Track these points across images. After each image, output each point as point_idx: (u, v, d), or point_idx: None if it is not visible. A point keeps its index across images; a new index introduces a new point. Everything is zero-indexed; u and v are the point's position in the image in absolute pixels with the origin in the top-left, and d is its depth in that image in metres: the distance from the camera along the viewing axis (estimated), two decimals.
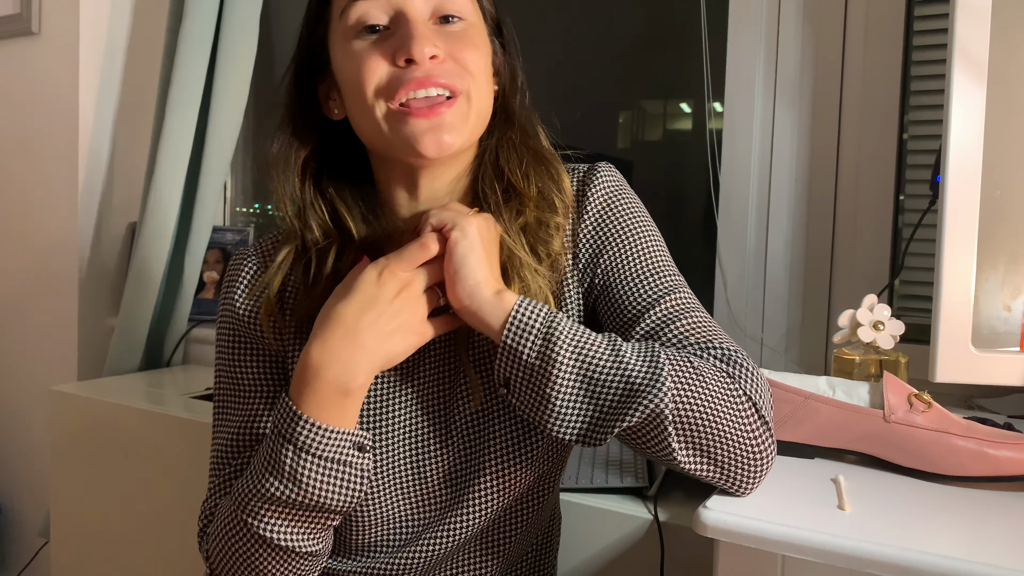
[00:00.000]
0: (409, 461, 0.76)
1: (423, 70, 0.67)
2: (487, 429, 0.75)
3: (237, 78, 1.59)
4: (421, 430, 0.76)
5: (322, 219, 0.75)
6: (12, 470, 1.91)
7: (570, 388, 0.63)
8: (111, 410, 1.37)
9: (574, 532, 0.96)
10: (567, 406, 0.63)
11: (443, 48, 0.69)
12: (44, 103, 1.79)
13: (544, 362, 0.63)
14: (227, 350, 0.79)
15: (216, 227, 1.74)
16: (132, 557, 1.35)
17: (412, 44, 0.66)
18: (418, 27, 0.68)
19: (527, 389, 0.64)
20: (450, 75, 0.68)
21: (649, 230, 0.77)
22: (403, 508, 0.76)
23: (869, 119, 1.22)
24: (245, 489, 0.67)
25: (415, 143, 0.68)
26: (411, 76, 0.67)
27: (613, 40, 1.58)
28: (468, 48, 0.70)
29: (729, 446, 0.64)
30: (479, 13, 0.74)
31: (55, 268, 1.80)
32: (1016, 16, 0.86)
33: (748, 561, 0.63)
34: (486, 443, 0.75)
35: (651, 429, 0.62)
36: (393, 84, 0.68)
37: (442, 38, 0.69)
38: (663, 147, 1.59)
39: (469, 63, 0.70)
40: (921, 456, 0.72)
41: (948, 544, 0.58)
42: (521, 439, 0.74)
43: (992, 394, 1.04)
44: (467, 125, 0.70)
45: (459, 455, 0.75)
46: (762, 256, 1.30)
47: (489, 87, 0.74)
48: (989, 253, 0.87)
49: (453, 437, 0.76)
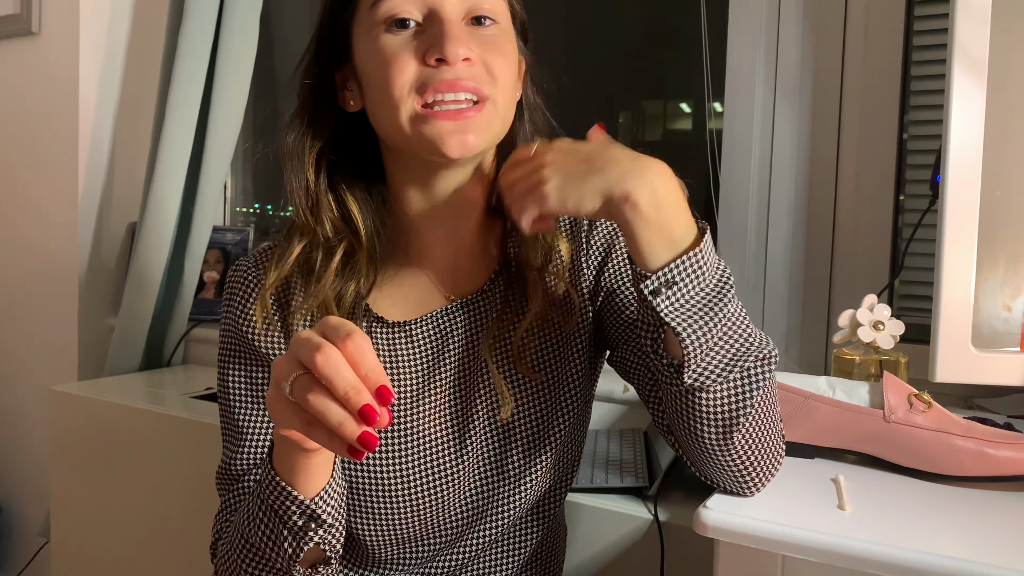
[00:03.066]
0: (427, 481, 0.74)
1: (453, 72, 0.66)
2: (506, 439, 0.74)
3: (237, 78, 1.59)
4: (439, 447, 0.74)
5: (333, 215, 0.74)
6: (12, 470, 1.91)
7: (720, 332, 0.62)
8: (111, 410, 1.36)
9: (574, 532, 0.96)
10: (716, 341, 0.63)
11: (475, 52, 0.68)
12: (44, 103, 1.79)
13: (722, 285, 0.63)
14: (229, 365, 0.77)
15: (216, 227, 1.74)
16: (132, 557, 1.35)
17: (446, 43, 0.65)
18: (453, 27, 0.67)
19: (693, 300, 0.62)
20: (479, 80, 0.67)
21: None
22: (422, 529, 0.75)
23: (869, 119, 1.22)
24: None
25: (440, 143, 0.67)
26: (441, 77, 0.66)
27: (613, 40, 1.58)
28: (498, 56, 0.69)
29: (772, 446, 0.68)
30: (510, 16, 0.73)
31: (55, 268, 1.80)
32: (1016, 16, 0.86)
33: (748, 561, 0.63)
34: (505, 455, 0.74)
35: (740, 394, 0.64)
36: (422, 83, 0.67)
37: (475, 41, 0.68)
38: (663, 147, 1.58)
39: (497, 70, 0.69)
40: (921, 456, 0.72)
41: (948, 544, 0.58)
42: (539, 447, 0.74)
43: (992, 394, 1.04)
44: (491, 130, 0.70)
45: (477, 471, 0.75)
46: (762, 256, 1.30)
47: (514, 94, 0.73)
48: (989, 253, 0.87)
49: (470, 452, 0.74)
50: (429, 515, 0.74)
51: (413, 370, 0.75)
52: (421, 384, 0.75)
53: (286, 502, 0.62)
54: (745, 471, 0.67)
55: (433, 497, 0.74)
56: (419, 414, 0.74)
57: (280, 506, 0.62)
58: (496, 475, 0.74)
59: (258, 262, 0.78)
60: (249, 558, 0.66)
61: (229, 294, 0.77)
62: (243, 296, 0.76)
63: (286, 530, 0.62)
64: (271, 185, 1.97)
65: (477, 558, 0.78)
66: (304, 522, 0.62)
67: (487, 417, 0.75)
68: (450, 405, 0.75)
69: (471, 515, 0.75)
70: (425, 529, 0.75)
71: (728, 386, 0.63)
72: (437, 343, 0.75)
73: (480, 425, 0.74)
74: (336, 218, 0.74)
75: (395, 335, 0.75)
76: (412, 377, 0.75)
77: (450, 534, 0.76)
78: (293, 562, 0.63)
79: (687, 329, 0.61)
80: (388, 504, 0.73)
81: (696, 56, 1.34)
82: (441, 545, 0.76)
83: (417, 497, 0.74)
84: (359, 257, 0.73)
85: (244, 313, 0.75)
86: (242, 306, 0.76)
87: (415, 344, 0.75)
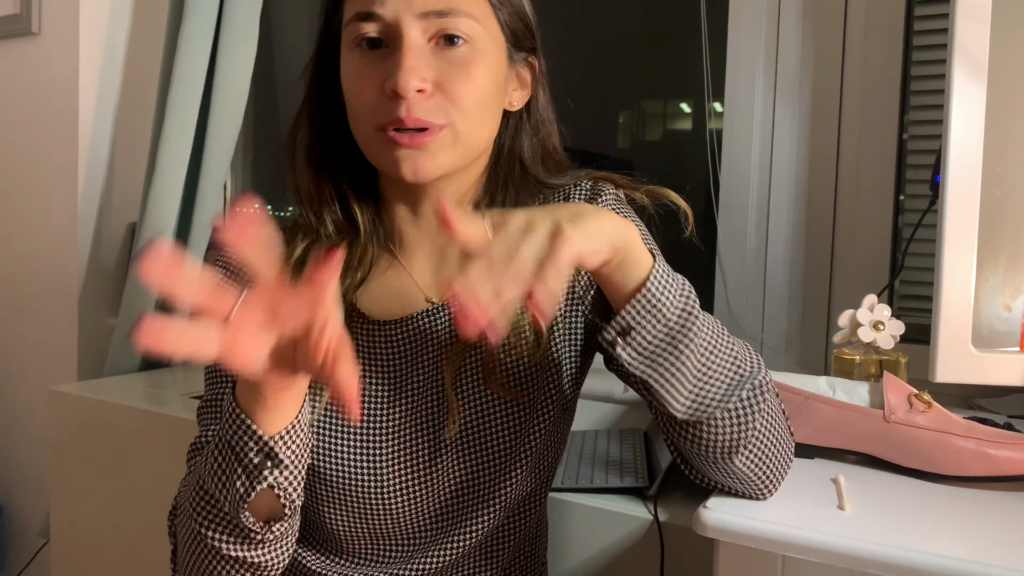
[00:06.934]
0: (400, 480, 0.73)
1: (406, 107, 0.65)
2: (482, 445, 0.74)
3: (237, 78, 1.59)
4: (414, 447, 0.74)
5: (336, 215, 0.75)
6: (12, 470, 1.91)
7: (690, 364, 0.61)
8: (111, 410, 1.36)
9: (574, 532, 0.95)
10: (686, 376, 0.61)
11: (432, 79, 0.67)
12: (44, 103, 1.79)
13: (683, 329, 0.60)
14: None
15: (216, 227, 1.73)
16: (132, 557, 1.35)
17: (398, 76, 0.65)
18: (409, 57, 0.66)
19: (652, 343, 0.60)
20: (432, 112, 0.66)
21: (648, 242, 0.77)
22: (395, 527, 0.75)
23: (869, 119, 1.21)
24: None
25: (395, 167, 0.67)
26: (394, 114, 0.66)
27: (613, 40, 1.58)
28: (462, 80, 0.67)
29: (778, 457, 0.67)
30: (491, 32, 0.71)
31: (55, 268, 1.80)
32: (1016, 16, 0.86)
33: (748, 561, 0.63)
34: (481, 461, 0.73)
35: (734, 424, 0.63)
36: (378, 115, 0.67)
37: (436, 66, 0.67)
38: (663, 147, 1.59)
39: (460, 95, 0.67)
40: (921, 456, 0.72)
41: (948, 544, 0.58)
42: (516, 453, 0.73)
43: (992, 394, 1.04)
44: (451, 154, 0.69)
45: (452, 475, 0.74)
46: (762, 256, 1.30)
47: (486, 115, 0.71)
48: (989, 253, 0.87)
49: (445, 456, 0.74)
50: (403, 514, 0.74)
51: (389, 369, 0.75)
52: (396, 383, 0.75)
53: (244, 437, 0.58)
54: (753, 483, 0.67)
55: (407, 496, 0.73)
56: (394, 412, 0.74)
57: (237, 442, 0.59)
58: (472, 480, 0.74)
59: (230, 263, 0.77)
60: (200, 505, 0.63)
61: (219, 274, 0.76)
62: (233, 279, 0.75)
63: (240, 467, 0.59)
64: (271, 185, 1.98)
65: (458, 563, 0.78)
66: (260, 460, 0.59)
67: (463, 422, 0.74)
68: (425, 407, 0.74)
69: (447, 519, 0.75)
70: (399, 528, 0.75)
71: (722, 417, 0.62)
72: (415, 344, 0.75)
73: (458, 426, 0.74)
74: (338, 218, 0.75)
75: (374, 333, 0.75)
76: (388, 375, 0.75)
77: (425, 536, 0.76)
78: (243, 502, 0.60)
79: (654, 374, 0.60)
80: (360, 500, 0.73)
81: (696, 56, 1.34)
82: (418, 545, 0.76)
83: (390, 495, 0.73)
84: (357, 255, 0.74)
85: None
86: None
87: (393, 344, 0.75)
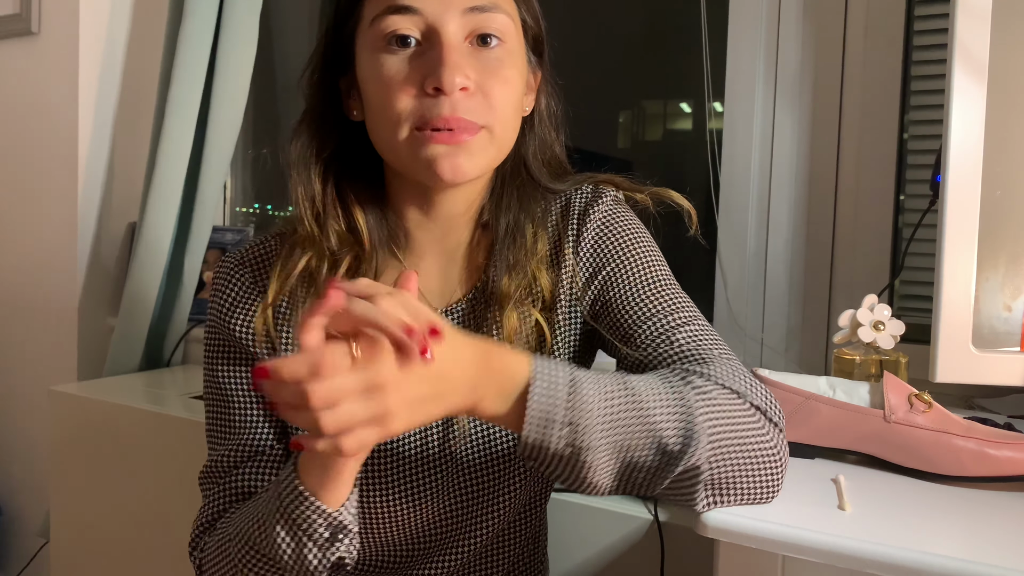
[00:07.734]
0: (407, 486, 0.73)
1: (450, 104, 0.65)
2: (487, 451, 0.74)
3: (237, 78, 1.59)
4: (421, 452, 0.74)
5: (339, 227, 0.73)
6: (12, 470, 1.91)
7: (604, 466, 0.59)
8: (111, 410, 1.36)
9: (574, 532, 0.96)
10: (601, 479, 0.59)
11: (474, 79, 0.66)
12: (44, 103, 1.79)
13: (575, 451, 0.57)
14: (217, 363, 0.76)
15: (216, 227, 1.74)
16: (132, 557, 1.35)
17: (443, 72, 0.64)
18: (451, 54, 0.65)
19: (555, 467, 0.59)
20: (475, 112, 0.66)
21: (648, 247, 0.77)
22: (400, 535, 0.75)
23: (869, 119, 1.21)
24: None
25: (433, 165, 0.66)
26: (439, 112, 0.65)
27: (613, 40, 1.58)
28: (499, 82, 0.68)
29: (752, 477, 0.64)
30: (519, 32, 0.71)
31: (55, 268, 1.80)
32: (1016, 16, 0.86)
33: (748, 561, 0.63)
34: (486, 466, 0.73)
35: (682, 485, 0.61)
36: (419, 115, 0.66)
37: (475, 65, 0.67)
38: (663, 147, 1.59)
39: (497, 98, 0.67)
40: (921, 456, 0.72)
41: (948, 544, 0.58)
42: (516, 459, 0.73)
43: (992, 394, 1.04)
44: (487, 155, 0.69)
45: (458, 481, 0.74)
46: (762, 256, 1.30)
47: (515, 118, 0.72)
48: (989, 253, 0.87)
49: (451, 462, 0.74)
50: (406, 523, 0.74)
51: None
52: None
53: (312, 515, 0.60)
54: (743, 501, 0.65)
55: (411, 505, 0.73)
56: None
57: (304, 518, 0.61)
58: (475, 487, 0.74)
59: (243, 260, 0.76)
60: (258, 563, 0.65)
61: (217, 293, 0.76)
62: (232, 296, 0.75)
63: (311, 542, 0.61)
64: (271, 185, 1.98)
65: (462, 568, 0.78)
66: (331, 533, 0.61)
67: (468, 428, 0.74)
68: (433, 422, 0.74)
69: (450, 526, 0.75)
70: (402, 536, 0.75)
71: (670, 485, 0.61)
72: None
73: (461, 436, 0.74)
74: (342, 230, 0.73)
75: None
76: None
77: (429, 543, 0.76)
78: (318, 573, 0.63)
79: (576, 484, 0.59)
80: (363, 509, 0.73)
81: (696, 56, 1.34)
82: (422, 553, 0.76)
83: (393, 504, 0.73)
84: (363, 268, 0.73)
85: (233, 312, 0.75)
86: (230, 306, 0.75)
87: None
